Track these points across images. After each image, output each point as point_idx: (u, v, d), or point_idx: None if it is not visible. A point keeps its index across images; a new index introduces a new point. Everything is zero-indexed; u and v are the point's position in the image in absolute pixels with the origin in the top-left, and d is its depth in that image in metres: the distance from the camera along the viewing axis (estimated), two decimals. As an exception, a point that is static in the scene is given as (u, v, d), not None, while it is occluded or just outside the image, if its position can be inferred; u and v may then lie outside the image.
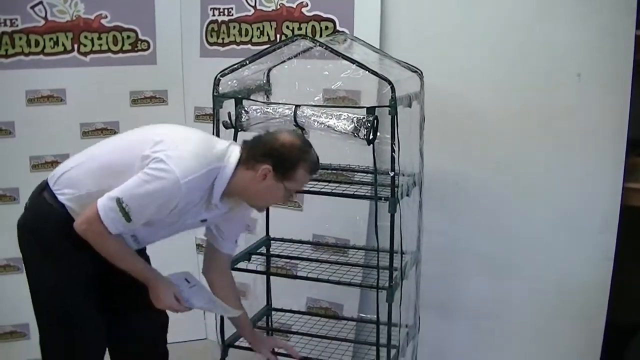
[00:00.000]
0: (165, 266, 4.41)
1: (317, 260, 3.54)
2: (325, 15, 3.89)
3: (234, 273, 3.43)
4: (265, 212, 3.76)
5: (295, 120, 3.01)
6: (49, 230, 2.76)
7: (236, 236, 3.14)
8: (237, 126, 3.14)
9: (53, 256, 2.78)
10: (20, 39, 4.03)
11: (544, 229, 3.61)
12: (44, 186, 2.80)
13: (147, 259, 3.06)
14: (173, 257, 4.41)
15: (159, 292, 2.77)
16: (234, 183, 2.73)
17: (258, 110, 3.10)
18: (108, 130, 4.21)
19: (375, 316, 3.15)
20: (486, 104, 3.65)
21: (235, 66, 3.20)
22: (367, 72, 2.98)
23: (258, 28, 4.09)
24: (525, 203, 3.63)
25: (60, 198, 2.74)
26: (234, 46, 4.18)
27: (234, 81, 3.23)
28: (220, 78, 3.17)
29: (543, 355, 3.69)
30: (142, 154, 2.63)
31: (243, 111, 3.11)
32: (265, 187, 2.75)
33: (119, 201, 2.55)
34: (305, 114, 3.00)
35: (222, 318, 3.40)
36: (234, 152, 2.75)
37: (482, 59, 3.64)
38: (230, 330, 3.48)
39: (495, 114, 3.63)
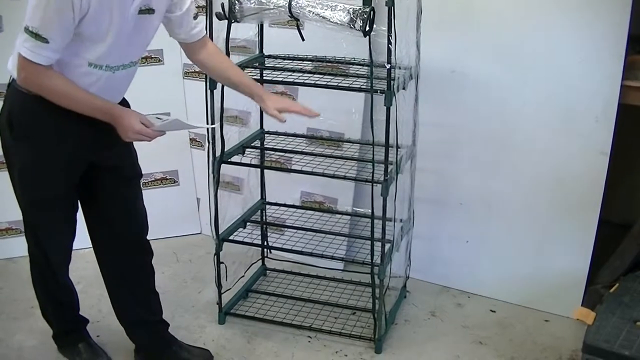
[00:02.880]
0: (160, 162, 4.44)
1: (311, 154, 3.53)
2: None
3: (228, 167, 3.42)
4: (259, 105, 3.72)
5: (290, 11, 2.96)
6: (25, 117, 2.71)
7: (188, 15, 2.89)
8: (230, 17, 3.08)
9: (29, 143, 2.74)
10: None
11: (541, 121, 3.59)
12: (11, 78, 2.75)
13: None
14: (166, 152, 4.42)
15: (124, 121, 2.65)
16: None
17: (252, 1, 3.03)
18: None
19: (370, 210, 3.15)
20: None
21: (229, -45, 3.13)
22: (363, -39, 2.92)
23: None
24: (522, 94, 3.60)
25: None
26: None
27: (227, -30, 3.16)
28: (213, -33, 3.10)
29: (537, 248, 3.72)
30: None
31: (236, 2, 3.05)
32: None
33: (26, 29, 2.46)
34: (300, 5, 2.94)
35: (216, 214, 3.40)
36: None
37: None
38: (224, 224, 3.50)
39: (495, 6, 3.57)
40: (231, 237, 3.53)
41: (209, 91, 3.23)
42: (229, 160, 3.40)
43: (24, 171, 2.80)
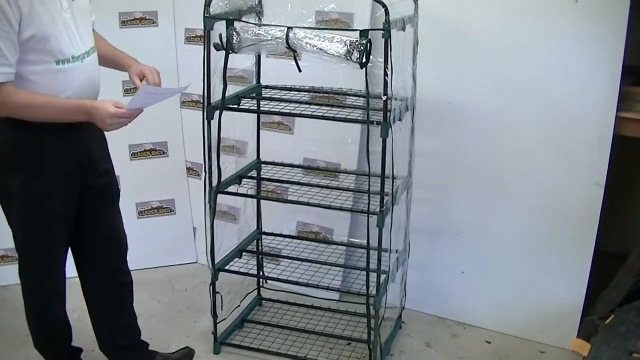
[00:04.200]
0: (156, 191, 4.45)
1: (307, 184, 3.55)
2: None
3: (225, 196, 3.43)
4: (256, 135, 3.74)
5: (287, 43, 2.97)
6: (14, 148, 2.75)
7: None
8: (228, 48, 3.10)
9: (23, 172, 2.76)
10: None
11: (536, 152, 3.60)
12: None
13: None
14: (163, 181, 4.43)
15: (98, 110, 2.66)
16: None
17: (249, 32, 3.05)
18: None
19: (366, 241, 3.15)
20: (481, 29, 3.60)
21: (227, -13, 3.15)
22: (360, -6, 2.94)
23: (250, -53, 4.01)
24: (518, 125, 3.62)
25: None
26: (226, -34, 4.11)
27: (225, 2, 3.18)
28: (212, -1, 3.12)
29: (532, 279, 3.72)
30: None
31: (234, 33, 3.06)
32: None
33: None
34: (297, 37, 2.96)
35: (212, 243, 3.40)
36: None
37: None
38: (220, 254, 3.50)
39: (489, 38, 3.59)
40: (227, 267, 3.53)
41: (205, 121, 3.24)
42: (226, 190, 3.41)
43: (23, 200, 2.81)
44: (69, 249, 3.06)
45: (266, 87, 3.64)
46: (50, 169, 2.77)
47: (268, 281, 3.89)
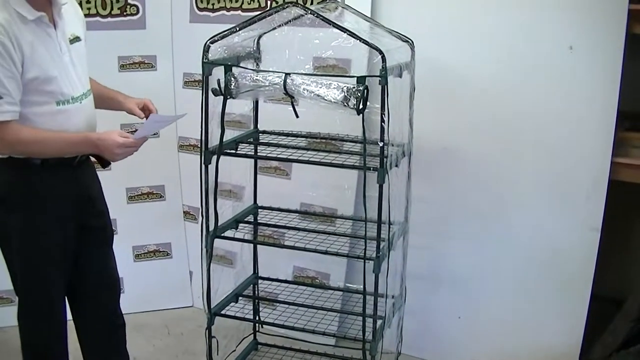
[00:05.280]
0: (153, 234, 4.45)
1: (304, 230, 3.54)
2: (316, -18, 3.85)
3: (221, 242, 3.42)
4: (253, 180, 3.75)
5: (285, 89, 2.99)
6: (15, 187, 2.78)
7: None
8: (226, 93, 3.11)
9: (24, 212, 2.79)
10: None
11: (532, 198, 3.62)
12: None
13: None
14: (161, 225, 4.43)
15: (106, 141, 2.73)
16: None
17: (247, 78, 3.07)
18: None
19: (362, 286, 3.14)
20: (477, 74, 3.64)
21: (225, 33, 3.17)
22: (357, 41, 2.95)
23: (248, -6, 4.07)
24: (513, 171, 3.65)
25: None
26: (224, 12, 4.15)
27: (224, 48, 3.20)
28: (210, 44, 3.14)
29: (529, 324, 3.71)
30: None
31: (232, 78, 3.08)
32: None
33: None
34: (295, 83, 2.98)
35: (208, 287, 3.39)
36: None
37: (473, 29, 3.63)
38: (216, 298, 3.49)
39: (486, 84, 3.62)
40: (223, 311, 3.51)
41: (203, 166, 3.25)
42: (223, 234, 3.40)
43: (22, 241, 2.82)
44: None
45: (264, 132, 3.66)
46: (49, 209, 2.80)
47: (264, 326, 3.87)
